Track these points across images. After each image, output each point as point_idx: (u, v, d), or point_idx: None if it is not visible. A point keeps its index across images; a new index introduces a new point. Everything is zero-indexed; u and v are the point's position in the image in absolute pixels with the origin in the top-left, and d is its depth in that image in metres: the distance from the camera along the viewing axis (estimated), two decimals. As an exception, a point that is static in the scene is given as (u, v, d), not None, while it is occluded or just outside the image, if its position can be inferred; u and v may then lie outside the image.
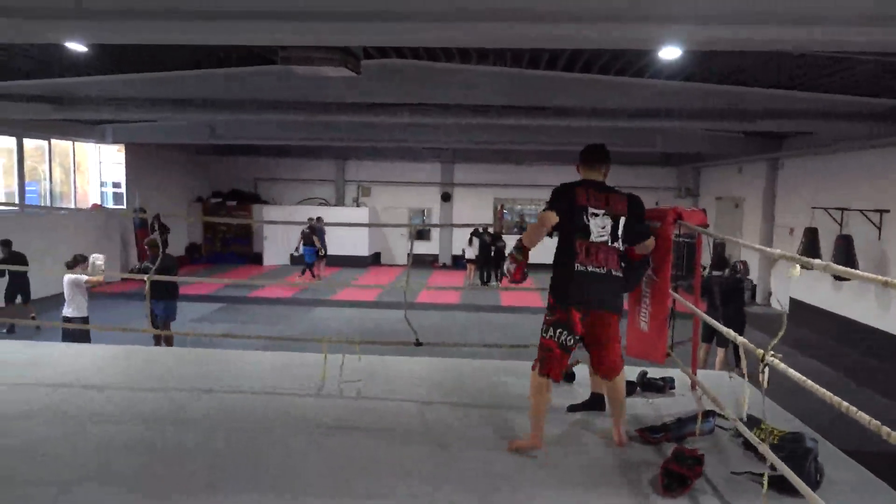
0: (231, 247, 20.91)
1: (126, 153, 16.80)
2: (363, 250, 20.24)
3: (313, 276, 16.83)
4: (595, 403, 4.00)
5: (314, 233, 16.44)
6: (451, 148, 20.00)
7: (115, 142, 15.75)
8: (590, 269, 3.37)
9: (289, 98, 10.04)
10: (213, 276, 16.93)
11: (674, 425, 3.57)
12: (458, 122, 11.08)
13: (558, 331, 3.39)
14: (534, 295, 12.54)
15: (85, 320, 7.66)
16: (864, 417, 1.91)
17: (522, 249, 3.48)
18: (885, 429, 1.82)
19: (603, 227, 3.41)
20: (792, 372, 2.45)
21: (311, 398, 4.15)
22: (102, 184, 16.66)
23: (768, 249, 2.92)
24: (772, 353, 2.56)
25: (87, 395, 4.15)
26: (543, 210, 3.44)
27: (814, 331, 12.29)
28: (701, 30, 3.67)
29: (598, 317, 3.42)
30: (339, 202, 21.66)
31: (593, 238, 3.39)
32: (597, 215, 3.41)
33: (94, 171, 16.52)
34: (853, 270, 2.12)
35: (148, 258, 8.98)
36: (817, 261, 2.53)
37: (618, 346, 3.52)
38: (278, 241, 20.17)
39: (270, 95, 10.00)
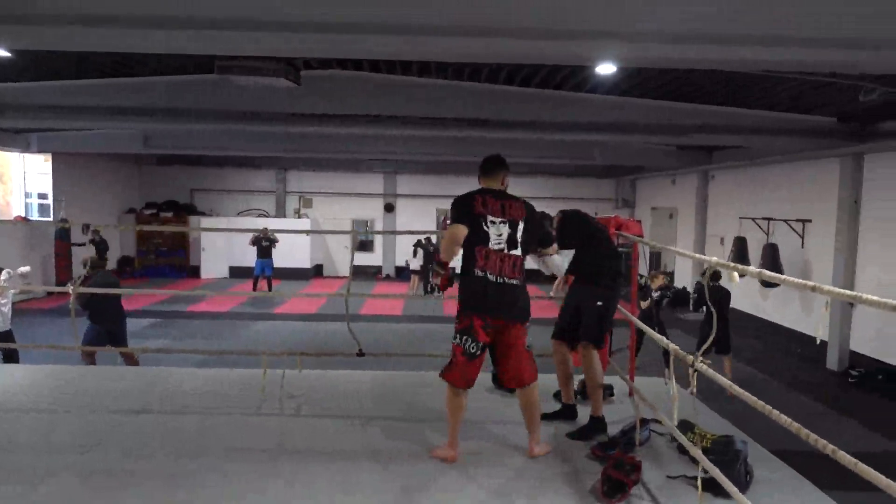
0: (166, 259, 20.23)
1: (53, 163, 16.06)
2: (305, 262, 19.94)
3: (269, 287, 16.42)
4: (566, 413, 4.06)
5: (272, 244, 16.10)
6: (395, 159, 19.99)
7: (40, 151, 15.00)
8: (489, 276, 3.39)
9: (226, 108, 9.81)
10: (151, 289, 16.33)
11: (622, 438, 3.62)
12: (401, 133, 11.09)
13: (464, 338, 3.41)
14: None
15: (8, 335, 7.22)
16: (784, 419, 2.00)
17: (442, 265, 3.68)
18: (805, 430, 1.91)
19: (500, 235, 3.42)
20: (719, 377, 2.54)
21: (250, 417, 4.05)
22: (27, 195, 15.88)
23: (704, 257, 3.03)
24: (700, 358, 2.65)
25: (9, 417, 3.93)
26: (450, 224, 3.47)
27: (743, 335, 12.80)
28: (633, 48, 3.80)
29: (500, 325, 3.42)
30: (280, 213, 21.29)
31: (491, 245, 3.40)
32: (494, 223, 3.43)
33: (18, 181, 15.73)
34: (784, 276, 2.22)
35: (88, 279, 7.43)
36: (751, 268, 2.62)
37: (524, 356, 3.49)
38: (217, 253, 19.67)
39: (207, 105, 9.75)
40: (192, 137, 14.21)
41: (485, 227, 3.41)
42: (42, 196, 16.14)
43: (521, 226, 3.45)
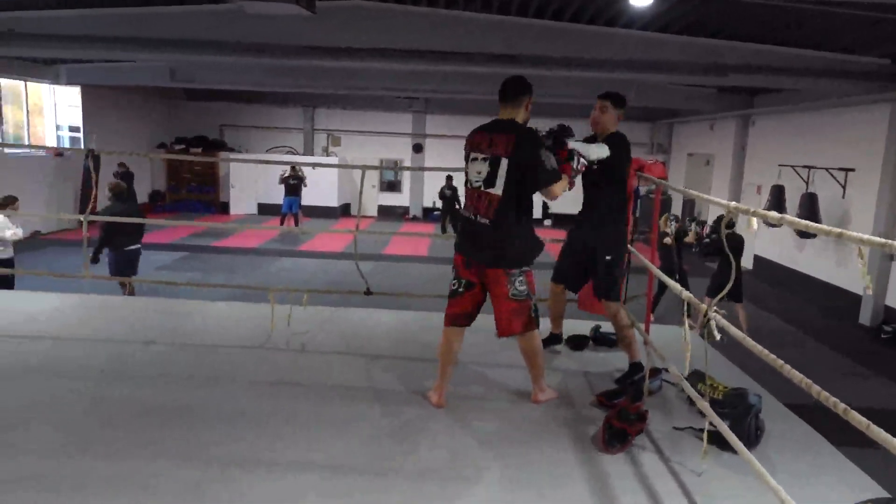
0: (196, 195, 20.40)
1: (83, 96, 16.10)
2: (332, 201, 19.92)
3: (297, 224, 16.53)
4: (550, 341, 4.13)
5: (301, 182, 16.12)
6: (423, 98, 19.57)
7: (69, 83, 15.04)
8: (468, 215, 3.24)
9: (248, 40, 9.60)
10: (180, 224, 16.51)
11: (630, 387, 3.48)
12: (426, 68, 10.75)
13: (453, 274, 3.36)
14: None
15: (9, 262, 7.30)
16: (796, 375, 1.85)
17: None
18: (816, 387, 1.76)
19: (479, 173, 3.17)
20: (733, 329, 2.38)
21: (256, 350, 4.03)
22: (58, 127, 16.00)
23: (723, 202, 2.80)
24: (714, 309, 2.48)
25: (12, 344, 3.97)
26: None
27: (775, 287, 12.48)
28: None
29: (480, 269, 3.24)
30: (308, 151, 21.19)
31: (472, 184, 3.21)
32: (475, 159, 3.20)
33: (50, 113, 15.83)
34: (808, 222, 1.99)
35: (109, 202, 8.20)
36: (772, 213, 2.36)
37: (505, 305, 3.20)
38: (246, 190, 19.77)
39: (228, 37, 9.55)
40: (219, 71, 14.07)
41: (468, 165, 3.26)
42: (73, 129, 16.24)
43: (503, 163, 3.10)
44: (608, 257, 3.67)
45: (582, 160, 3.43)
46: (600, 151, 3.58)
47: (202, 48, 9.95)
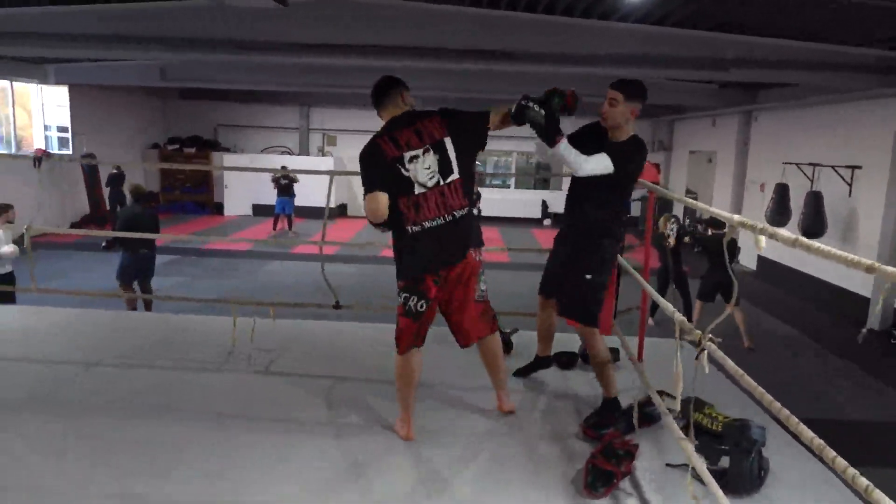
0: (190, 196, 20.09)
1: (71, 95, 15.80)
2: (322, 201, 19.58)
3: (290, 226, 16.26)
4: (540, 364, 3.70)
5: (293, 182, 15.83)
6: (419, 96, 19.23)
7: (58, 82, 14.75)
8: (427, 225, 2.82)
9: (236, 37, 9.31)
10: (169, 228, 16.22)
11: (622, 419, 3.09)
12: (416, 66, 10.41)
13: (408, 296, 2.89)
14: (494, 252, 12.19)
15: (9, 277, 7.04)
16: (759, 390, 1.53)
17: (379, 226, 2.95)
18: (777, 404, 1.47)
19: (429, 168, 2.82)
20: (729, 363, 2.04)
21: (212, 372, 3.70)
22: (46, 127, 15.70)
23: (725, 215, 2.45)
24: (710, 337, 2.15)
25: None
26: (365, 194, 2.85)
27: (783, 290, 12.12)
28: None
29: (448, 275, 2.87)
30: (304, 151, 20.87)
31: (421, 188, 2.81)
32: (416, 157, 2.82)
33: (37, 113, 15.53)
34: (818, 244, 1.68)
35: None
36: (783, 232, 1.99)
37: (472, 309, 2.95)
38: (240, 190, 19.45)
39: (216, 34, 9.25)
40: (211, 70, 13.75)
41: (404, 172, 2.82)
42: (62, 129, 15.95)
43: (447, 143, 2.82)
44: (588, 276, 3.14)
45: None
46: (597, 166, 3.02)
47: (190, 46, 9.64)
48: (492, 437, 3.03)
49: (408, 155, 2.82)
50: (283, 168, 17.09)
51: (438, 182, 2.82)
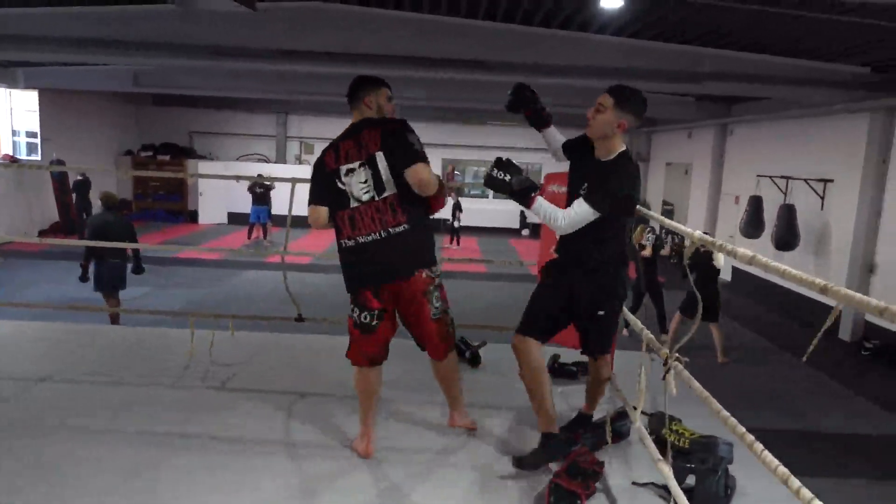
0: (163, 203, 19.77)
1: (40, 100, 15.48)
2: (304, 210, 19.34)
3: (265, 235, 16.05)
4: (580, 422, 3.15)
5: (268, 190, 15.64)
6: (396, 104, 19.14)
7: (27, 87, 14.43)
8: (361, 240, 2.73)
9: (209, 42, 9.16)
10: (142, 237, 15.90)
11: (587, 433, 3.02)
12: (390, 74, 10.34)
13: (354, 308, 2.81)
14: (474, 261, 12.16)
15: None
16: (714, 405, 1.46)
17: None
18: (732, 420, 1.38)
19: (364, 182, 2.72)
20: (696, 384, 1.97)
21: (165, 388, 3.55)
22: (14, 133, 15.35)
23: (688, 230, 2.40)
24: (676, 356, 2.08)
25: None
26: (308, 205, 2.83)
27: (756, 302, 12.19)
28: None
29: (394, 289, 2.77)
30: (280, 159, 20.67)
31: (356, 202, 2.72)
32: (352, 171, 2.73)
33: (5, 118, 15.20)
34: (776, 264, 1.63)
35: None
36: (742, 251, 2.00)
37: (429, 327, 2.82)
38: (215, 198, 19.18)
39: (188, 39, 9.10)
40: (185, 76, 13.54)
41: (340, 185, 2.74)
42: (31, 134, 15.62)
43: (380, 158, 2.71)
44: (601, 312, 2.79)
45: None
46: (577, 219, 2.62)
47: (164, 51, 9.46)
48: (454, 454, 2.93)
49: (344, 168, 2.74)
50: (259, 176, 16.92)
51: (373, 197, 2.72)
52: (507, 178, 2.60)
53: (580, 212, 2.61)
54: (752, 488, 2.67)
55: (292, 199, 3.77)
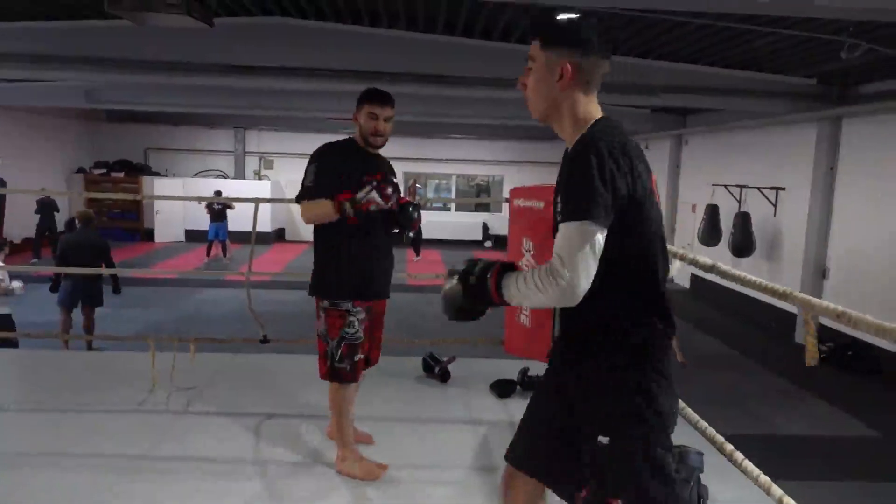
0: (118, 222, 19.24)
1: (-13, 117, 14.98)
2: (266, 226, 19.12)
3: (224, 253, 15.76)
4: None
5: (226, 207, 15.38)
6: (349, 119, 19.12)
7: (-26, 104, 13.95)
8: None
9: (161, 58, 8.98)
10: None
11: None
12: (349, 89, 10.31)
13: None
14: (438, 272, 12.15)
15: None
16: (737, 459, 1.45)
17: None
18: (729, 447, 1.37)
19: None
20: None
21: (127, 413, 3.43)
22: (-40, 151, 14.79)
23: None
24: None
25: None
26: None
27: (714, 308, 12.46)
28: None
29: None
30: (239, 175, 20.37)
31: None
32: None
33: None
34: (734, 271, 1.67)
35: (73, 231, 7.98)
36: (703, 259, 2.03)
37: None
38: (172, 216, 18.79)
39: (140, 55, 8.91)
40: (139, 92, 13.27)
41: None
42: (-23, 153, 15.04)
43: None
44: (603, 439, 1.64)
45: (372, 196, 2.69)
46: (568, 255, 1.49)
47: (117, 67, 9.23)
48: (428, 470, 2.89)
49: None
50: (217, 193, 16.70)
51: None
52: (459, 285, 1.65)
53: (570, 237, 1.49)
54: (723, 497, 2.70)
55: (256, 217, 3.69)
